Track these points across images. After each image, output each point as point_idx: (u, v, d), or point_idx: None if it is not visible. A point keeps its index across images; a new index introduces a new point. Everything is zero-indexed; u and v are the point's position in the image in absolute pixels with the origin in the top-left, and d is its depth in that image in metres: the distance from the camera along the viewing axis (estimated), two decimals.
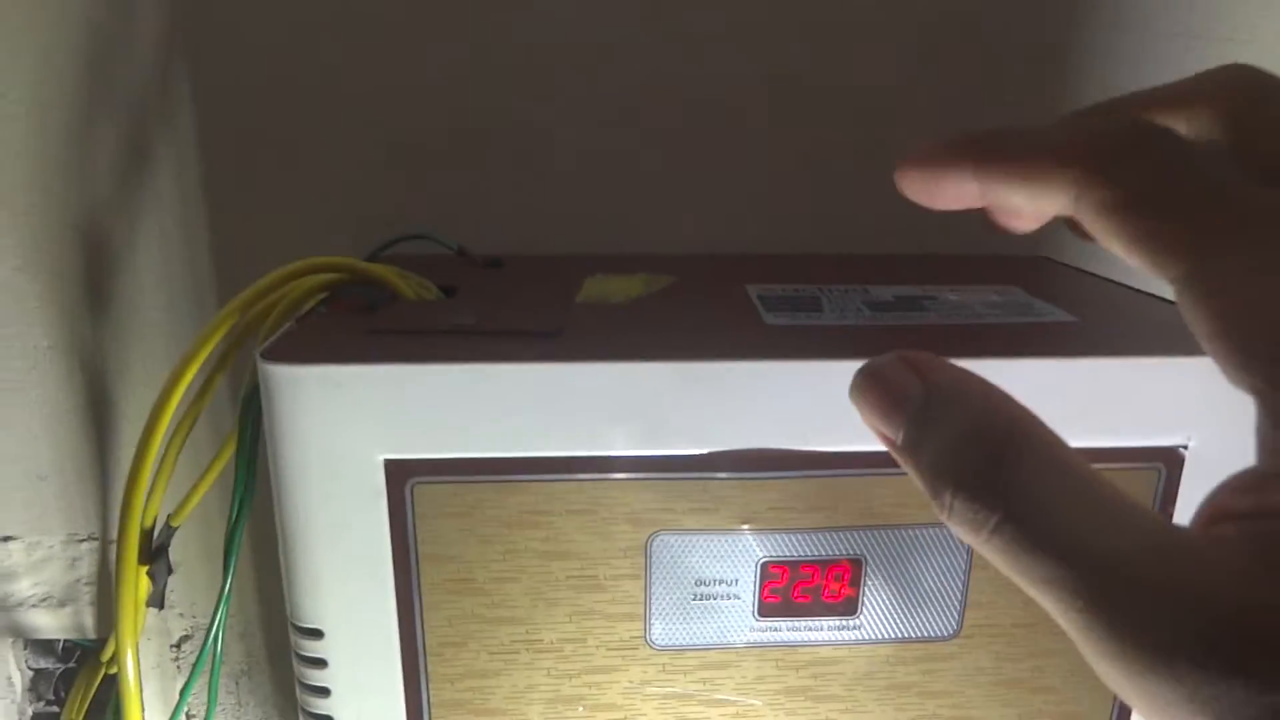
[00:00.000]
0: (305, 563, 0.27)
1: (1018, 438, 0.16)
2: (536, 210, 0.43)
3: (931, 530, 0.28)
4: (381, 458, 0.26)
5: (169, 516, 0.40)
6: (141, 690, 0.34)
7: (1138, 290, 0.36)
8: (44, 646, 0.50)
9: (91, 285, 0.44)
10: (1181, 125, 0.19)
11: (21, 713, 0.50)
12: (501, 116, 0.42)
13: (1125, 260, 0.16)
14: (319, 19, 0.41)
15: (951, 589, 0.28)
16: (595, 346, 0.27)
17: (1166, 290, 0.16)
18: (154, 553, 0.40)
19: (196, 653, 0.49)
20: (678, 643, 0.28)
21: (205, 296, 0.44)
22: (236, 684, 0.50)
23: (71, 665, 0.51)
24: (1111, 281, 0.38)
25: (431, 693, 0.28)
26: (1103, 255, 0.45)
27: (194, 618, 0.49)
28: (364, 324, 0.29)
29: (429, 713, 0.29)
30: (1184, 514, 0.28)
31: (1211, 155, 0.17)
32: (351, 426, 0.25)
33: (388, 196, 0.43)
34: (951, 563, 0.28)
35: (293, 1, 0.40)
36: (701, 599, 0.28)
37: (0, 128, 0.41)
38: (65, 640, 0.50)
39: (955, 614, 0.29)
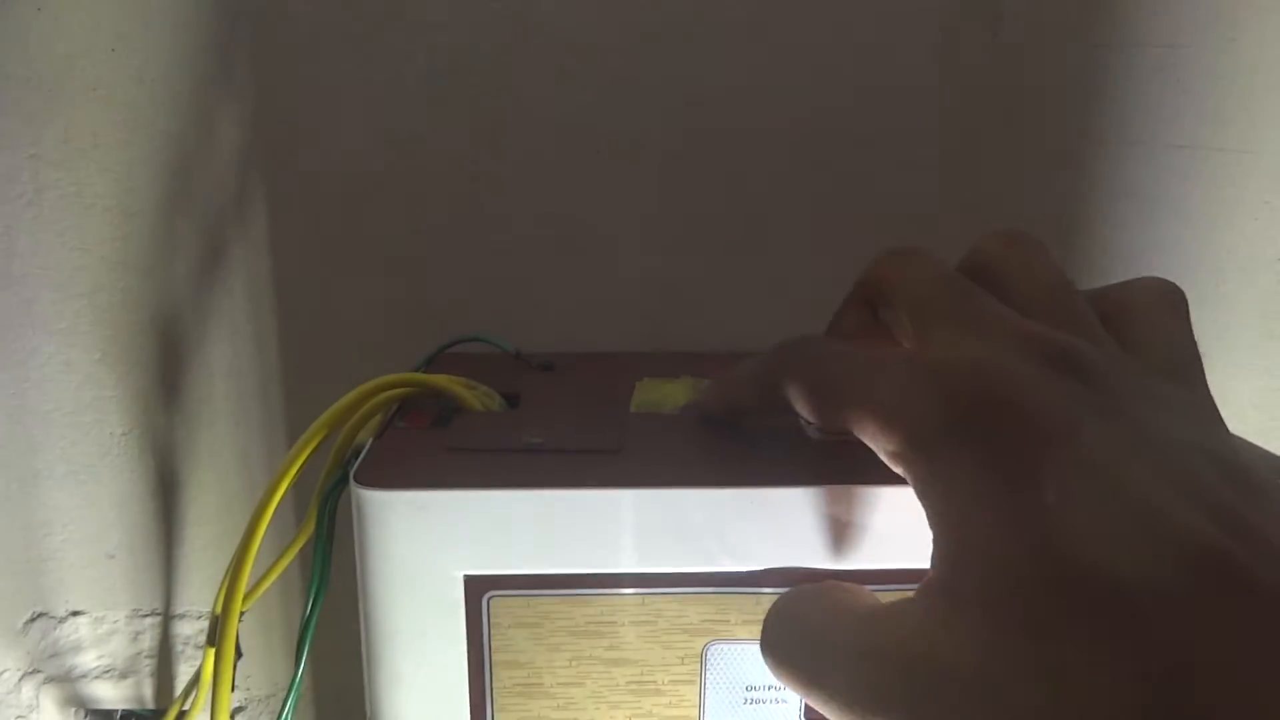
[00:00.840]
0: (387, 667, 0.29)
1: None
2: (583, 309, 0.46)
3: None
4: (461, 574, 0.28)
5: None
6: None
7: None
8: (103, 716, 0.52)
9: (165, 377, 0.46)
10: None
11: None
12: (560, 223, 0.45)
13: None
14: (388, 132, 0.44)
15: None
16: (654, 469, 0.29)
17: None
18: (222, 635, 0.43)
19: None
20: None
21: (271, 388, 0.47)
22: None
23: None
24: None
25: None
26: None
27: (248, 689, 0.51)
28: (439, 440, 0.31)
29: None
30: None
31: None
32: (434, 545, 0.28)
33: (443, 295, 0.46)
34: None
35: (364, 115, 0.44)
36: (751, 703, 0.30)
37: (89, 233, 0.44)
38: (124, 710, 0.52)
39: None
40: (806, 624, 0.24)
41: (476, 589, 0.28)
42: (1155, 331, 0.25)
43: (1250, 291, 0.47)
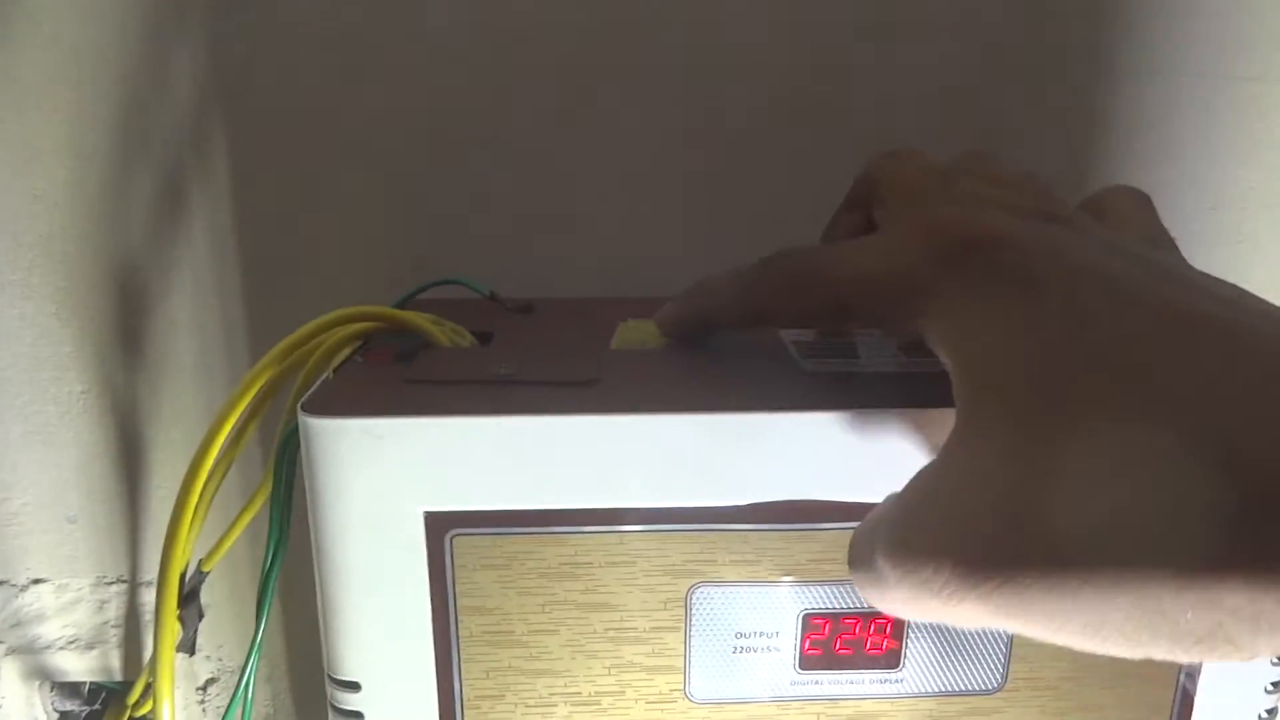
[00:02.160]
0: (344, 615, 0.27)
1: None
2: (566, 255, 0.44)
3: None
4: (421, 510, 0.26)
5: (200, 562, 0.40)
6: None
7: None
8: (70, 689, 0.50)
9: (125, 331, 0.44)
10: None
11: None
12: (536, 162, 0.43)
13: None
14: (352, 67, 0.41)
15: (996, 640, 0.28)
16: (632, 397, 0.27)
17: None
18: (185, 598, 0.41)
19: (224, 695, 0.49)
20: (717, 696, 0.28)
21: (236, 342, 0.44)
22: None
23: (96, 708, 0.51)
24: None
25: None
26: None
27: (220, 660, 0.49)
28: (401, 374, 0.29)
29: None
30: None
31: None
32: (391, 479, 0.25)
33: (418, 242, 0.43)
34: None
35: (326, 51, 0.41)
36: (742, 651, 0.28)
37: (40, 179, 0.42)
38: (91, 683, 0.50)
39: (1000, 666, 0.28)
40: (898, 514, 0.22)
41: (438, 527, 0.26)
42: (1126, 218, 0.26)
43: (1275, 230, 0.44)
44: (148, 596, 0.48)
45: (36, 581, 0.47)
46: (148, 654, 0.48)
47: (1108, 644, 0.16)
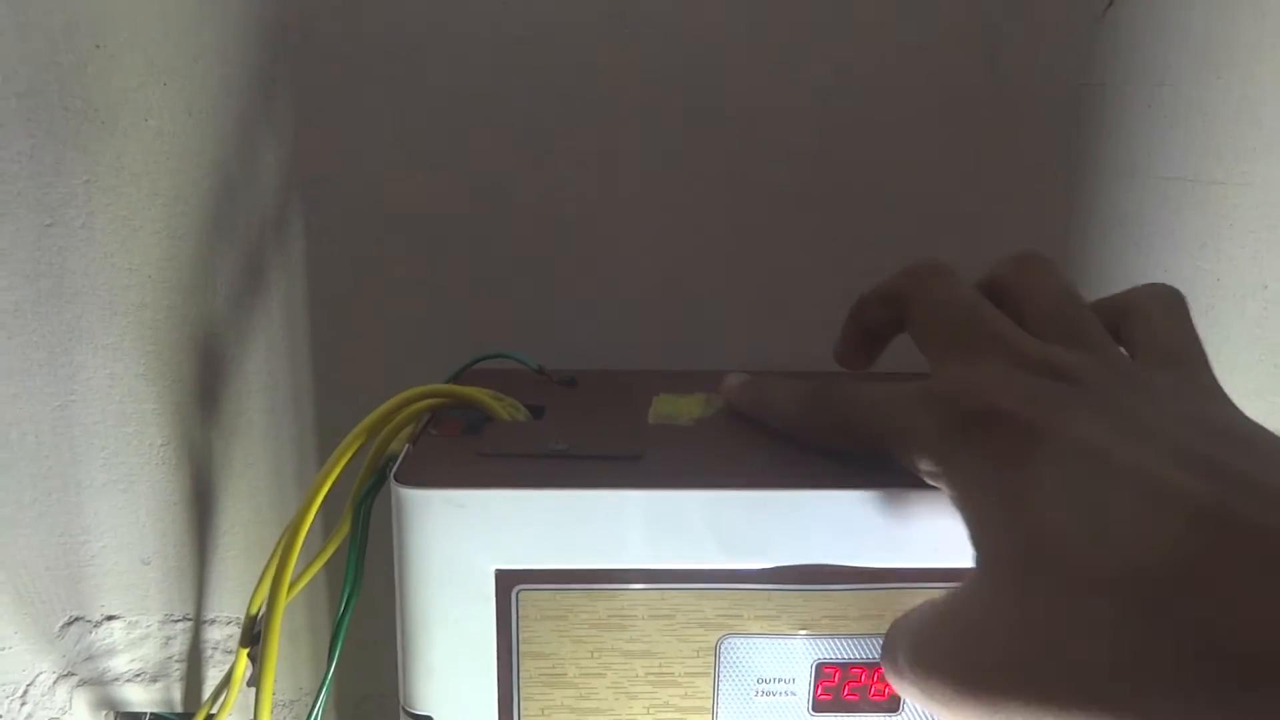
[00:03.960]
0: (421, 655, 0.31)
1: None
2: (599, 330, 0.49)
3: None
4: (493, 568, 0.30)
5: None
6: None
7: None
8: (132, 718, 0.54)
9: (204, 391, 0.49)
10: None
11: None
12: (583, 245, 0.48)
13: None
14: (419, 158, 0.46)
15: None
16: (673, 473, 0.31)
17: None
18: (255, 636, 0.45)
19: None
20: None
21: (303, 402, 0.49)
22: None
23: None
24: None
25: None
26: None
27: (275, 694, 0.53)
28: (471, 446, 0.34)
29: None
30: None
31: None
32: (469, 540, 0.30)
33: (468, 315, 0.48)
34: None
35: (396, 143, 0.46)
36: (763, 695, 0.32)
37: (137, 254, 0.47)
38: (153, 714, 0.54)
39: None
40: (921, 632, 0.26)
41: (507, 582, 0.30)
42: (1155, 328, 0.28)
43: (1239, 319, 0.49)
44: (210, 633, 0.52)
45: (110, 618, 0.51)
46: (208, 688, 0.53)
47: None
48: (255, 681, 0.45)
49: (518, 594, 0.31)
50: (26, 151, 0.46)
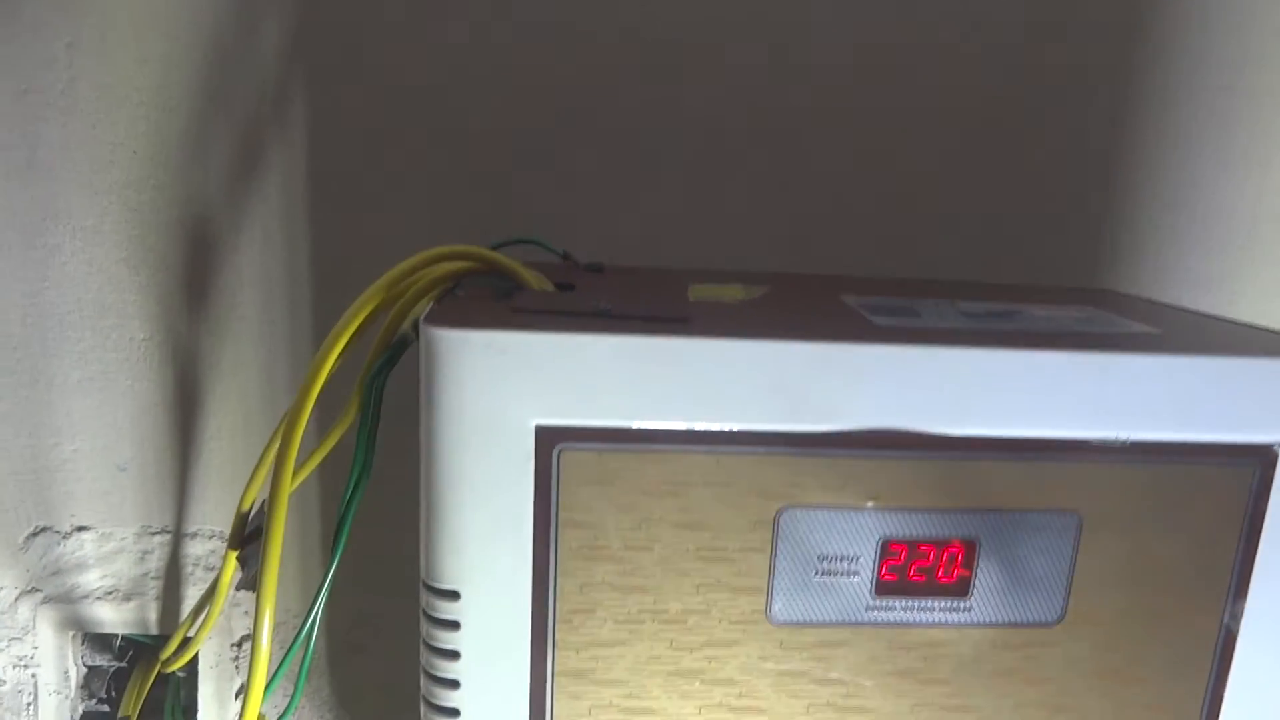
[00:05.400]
0: (449, 523, 0.28)
1: None
2: (628, 225, 0.46)
3: (1042, 515, 0.29)
4: (534, 423, 0.27)
5: (263, 503, 0.41)
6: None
7: (1207, 315, 0.38)
8: (102, 642, 0.50)
9: (192, 281, 0.45)
10: None
11: (74, 709, 0.49)
12: (610, 130, 0.45)
13: None
14: (430, 35, 0.43)
15: (1057, 574, 0.30)
16: (732, 328, 0.28)
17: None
18: (247, 537, 0.41)
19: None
20: (797, 619, 0.29)
21: (300, 296, 0.46)
22: (295, 686, 0.50)
23: (123, 665, 0.51)
24: (1179, 308, 0.40)
25: (557, 661, 0.29)
26: (1166, 287, 0.47)
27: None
28: (505, 306, 0.30)
29: (552, 681, 0.29)
30: (1276, 513, 0.30)
31: None
32: (508, 391, 0.27)
33: (481, 206, 0.45)
34: (1059, 548, 0.30)
35: (407, 18, 0.43)
36: (823, 574, 0.29)
37: (123, 128, 0.43)
38: (124, 636, 0.50)
39: (1060, 600, 0.30)
40: None
41: (548, 440, 0.27)
42: None
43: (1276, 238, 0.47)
44: (191, 548, 0.48)
45: (80, 529, 0.48)
46: (185, 608, 0.49)
47: None
48: (248, 585, 0.42)
49: (559, 454, 0.28)
50: (1, 9, 0.41)
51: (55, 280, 0.45)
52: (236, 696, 0.50)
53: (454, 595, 0.28)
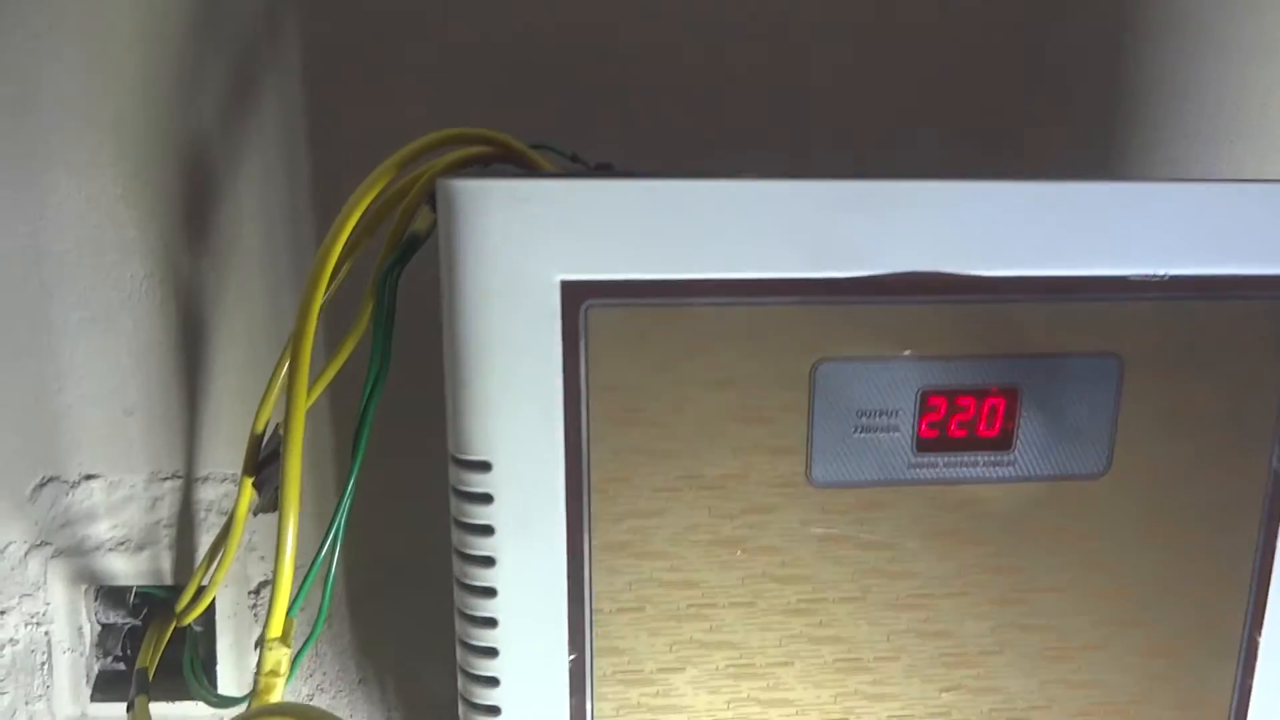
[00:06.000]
0: (476, 391, 0.27)
1: None
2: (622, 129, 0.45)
3: (1083, 360, 0.28)
4: (559, 278, 0.26)
5: (277, 425, 0.40)
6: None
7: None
8: (115, 598, 0.49)
9: (192, 215, 0.44)
10: None
11: (89, 668, 0.48)
12: (598, 35, 0.44)
13: None
14: None
15: (1101, 423, 0.29)
16: (761, 175, 0.28)
17: None
18: (262, 462, 0.40)
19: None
20: (838, 480, 0.29)
21: (302, 226, 0.45)
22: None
23: (137, 623, 0.50)
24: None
25: (594, 533, 0.28)
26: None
27: (271, 561, 0.48)
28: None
29: (590, 557, 0.28)
30: None
31: None
32: (532, 245, 0.26)
33: (481, 122, 0.44)
34: (1102, 394, 0.29)
35: None
36: (863, 431, 0.28)
37: (111, 61, 0.42)
38: (138, 589, 0.48)
39: (1105, 450, 0.29)
40: None
41: (575, 296, 0.27)
42: None
43: None
44: (202, 493, 0.47)
45: (88, 478, 0.46)
46: (199, 556, 0.48)
47: None
48: (267, 507, 0.41)
49: (587, 310, 0.27)
50: None
51: (52, 219, 0.44)
52: (255, 646, 0.49)
53: (485, 466, 0.27)
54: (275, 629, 0.31)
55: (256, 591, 0.49)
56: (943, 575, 0.30)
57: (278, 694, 0.32)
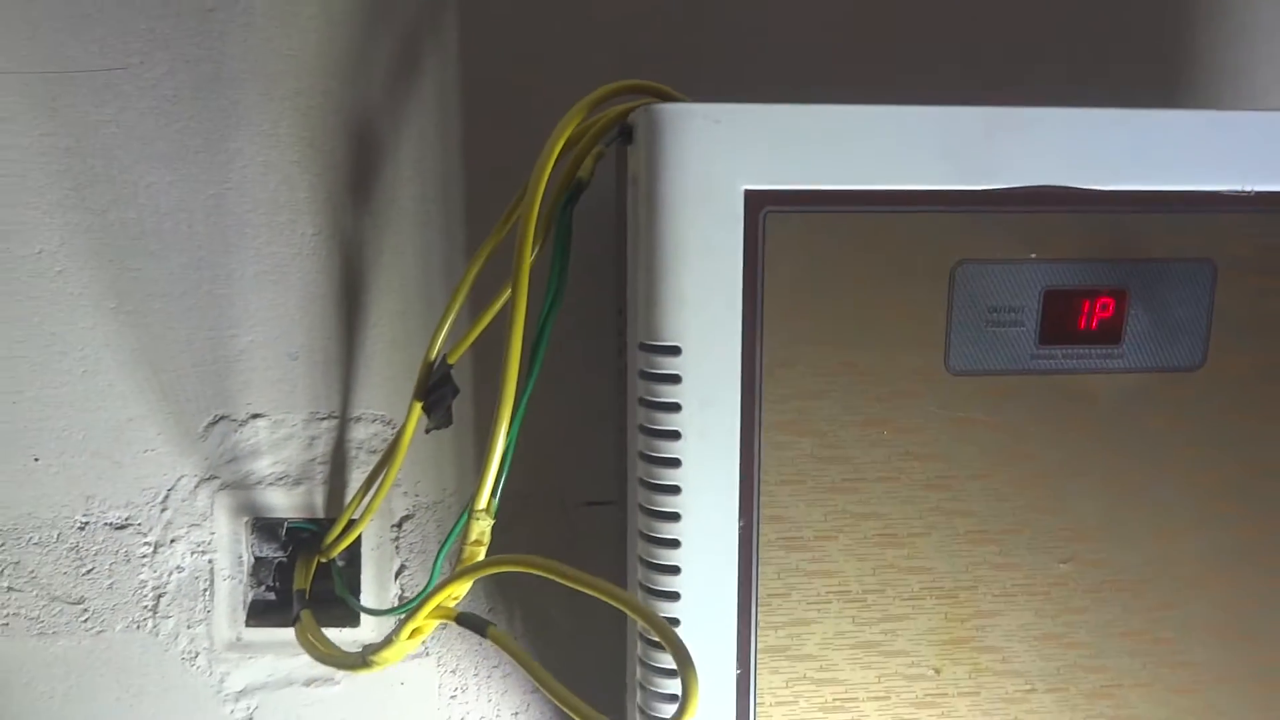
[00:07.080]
0: (668, 284, 0.32)
1: None
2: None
3: (1184, 265, 0.33)
4: (743, 188, 0.32)
5: (444, 355, 0.45)
6: None
7: None
8: (269, 532, 0.54)
9: (355, 179, 0.50)
10: None
11: (245, 595, 0.53)
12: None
13: None
14: None
15: (1198, 320, 0.34)
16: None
17: None
18: (432, 387, 0.45)
19: (418, 532, 0.53)
20: (971, 368, 0.33)
21: (452, 189, 0.50)
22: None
23: (286, 560, 0.54)
24: None
25: (764, 412, 0.33)
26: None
27: (417, 496, 0.53)
28: None
29: (760, 432, 0.33)
30: None
31: None
32: (720, 159, 0.31)
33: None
34: (1197, 295, 0.33)
35: None
36: (993, 325, 0.33)
37: (296, 39, 0.48)
38: (289, 523, 0.53)
39: (1201, 345, 0.34)
40: None
41: (755, 203, 0.32)
42: None
43: None
44: (355, 432, 0.52)
45: (255, 417, 0.52)
46: (350, 492, 0.52)
47: None
48: (440, 424, 0.45)
49: (765, 215, 0.32)
50: None
51: (235, 182, 0.49)
52: (396, 577, 0.53)
53: (674, 350, 0.32)
54: (481, 501, 0.35)
55: (399, 525, 0.53)
56: (1061, 459, 0.34)
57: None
